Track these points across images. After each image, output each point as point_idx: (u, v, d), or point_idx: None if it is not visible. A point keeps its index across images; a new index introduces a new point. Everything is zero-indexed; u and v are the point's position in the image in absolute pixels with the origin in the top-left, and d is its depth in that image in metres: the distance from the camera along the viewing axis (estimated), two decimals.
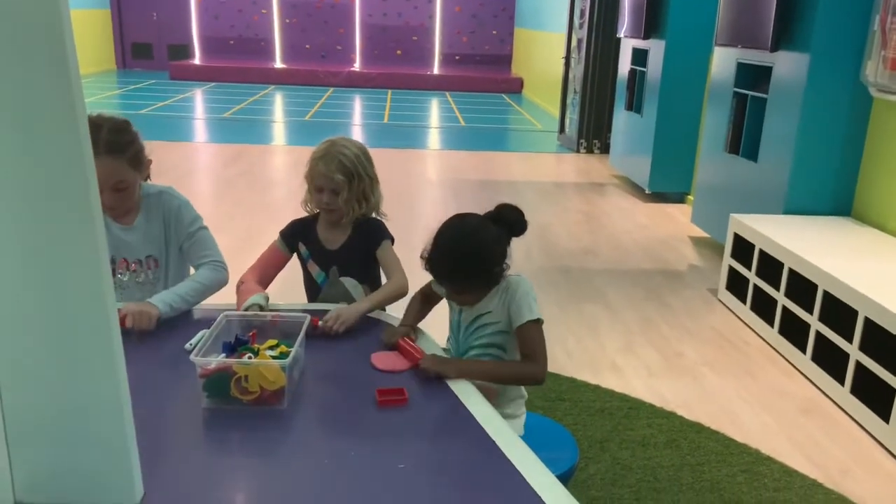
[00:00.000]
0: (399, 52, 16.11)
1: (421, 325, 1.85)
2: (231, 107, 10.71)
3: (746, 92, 4.40)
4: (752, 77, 4.35)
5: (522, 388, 1.76)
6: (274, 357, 1.47)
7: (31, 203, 0.90)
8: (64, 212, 0.91)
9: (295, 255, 2.08)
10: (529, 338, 1.62)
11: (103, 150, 1.76)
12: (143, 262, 1.94)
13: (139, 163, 1.88)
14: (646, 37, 6.11)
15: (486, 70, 15.38)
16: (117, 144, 1.81)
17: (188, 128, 9.16)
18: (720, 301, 4.01)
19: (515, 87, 14.30)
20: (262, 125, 9.40)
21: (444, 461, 1.32)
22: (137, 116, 9.77)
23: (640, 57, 6.39)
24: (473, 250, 1.62)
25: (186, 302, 1.84)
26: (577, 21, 8.47)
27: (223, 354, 1.50)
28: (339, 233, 2.01)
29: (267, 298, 1.82)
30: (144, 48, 15.58)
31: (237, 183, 6.38)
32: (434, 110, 11.61)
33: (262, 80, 13.75)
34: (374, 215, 2.05)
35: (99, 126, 1.79)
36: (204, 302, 1.99)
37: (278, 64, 15.12)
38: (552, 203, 6.11)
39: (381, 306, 1.91)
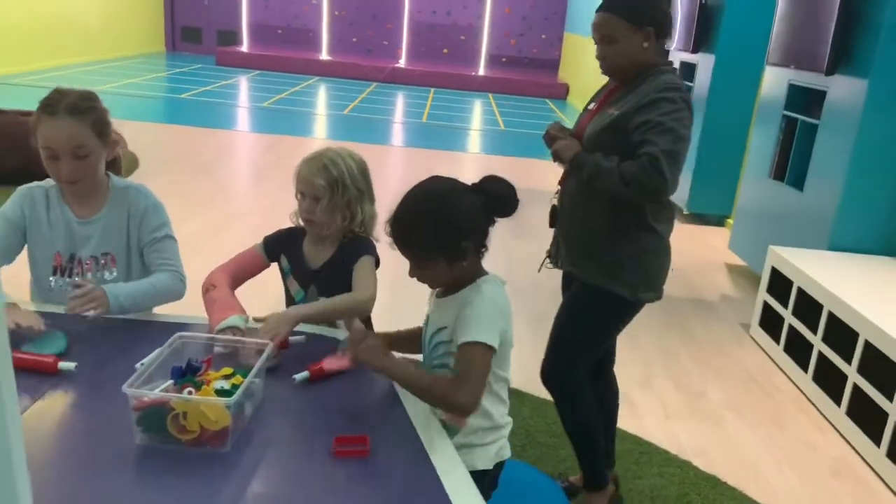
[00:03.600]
0: (445, 50, 15.95)
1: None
2: (272, 96, 10.67)
3: (797, 116, 4.12)
4: (804, 100, 4.07)
5: (493, 415, 1.50)
6: (223, 390, 1.31)
7: None
8: None
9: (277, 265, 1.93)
10: (463, 359, 1.37)
11: (63, 111, 1.67)
12: (100, 259, 1.81)
13: (103, 133, 1.75)
14: (695, 50, 5.83)
15: (532, 74, 15.12)
16: (78, 107, 1.70)
17: (226, 115, 9.14)
18: (752, 338, 3.75)
19: (560, 93, 14.02)
20: (300, 116, 9.33)
21: None
22: (179, 100, 9.81)
23: (687, 71, 6.11)
24: (436, 211, 1.41)
25: (136, 305, 1.71)
26: None
27: (170, 381, 1.34)
28: (323, 250, 1.85)
29: (246, 321, 1.66)
30: (194, 32, 15.71)
31: (266, 174, 6.28)
32: (475, 112, 11.42)
33: (307, 70, 13.71)
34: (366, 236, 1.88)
35: (64, 94, 1.71)
36: (169, 311, 1.85)
37: (324, 56, 15.08)
38: None
39: (329, 319, 1.73)
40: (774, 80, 4.39)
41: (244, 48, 15.07)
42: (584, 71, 12.68)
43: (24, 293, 1.90)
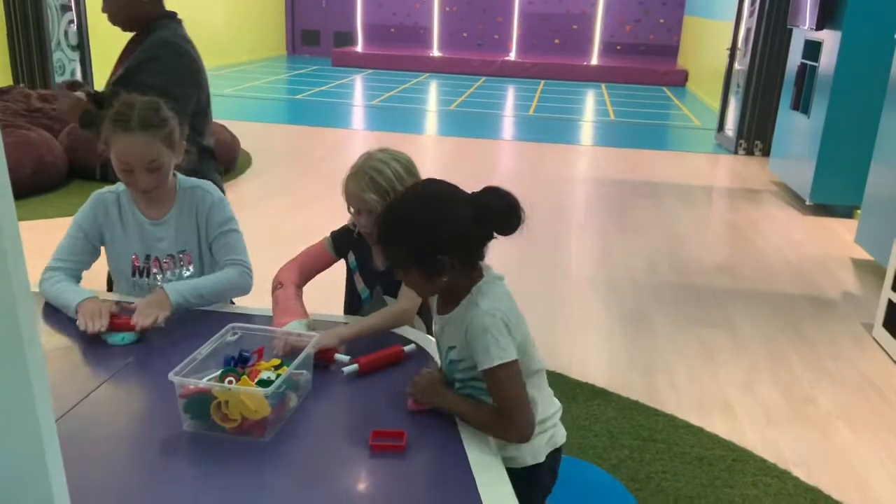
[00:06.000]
0: (557, 41, 15.67)
1: None
2: (382, 94, 10.91)
3: None
4: None
5: (539, 406, 1.42)
6: (268, 381, 1.33)
7: None
8: None
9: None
10: (495, 387, 1.31)
11: (136, 126, 1.73)
12: (176, 257, 1.88)
13: (173, 143, 1.81)
14: (819, 27, 5.39)
15: (648, 61, 14.57)
16: (151, 121, 1.75)
17: (338, 114, 9.43)
18: (874, 339, 3.41)
19: (679, 80, 13.42)
20: (406, 113, 9.48)
21: None
22: (294, 101, 10.23)
23: (812, 50, 5.66)
24: (417, 219, 1.31)
25: (202, 299, 1.76)
26: (746, 8, 7.71)
27: (220, 371, 1.38)
28: None
29: (308, 326, 1.66)
30: (312, 35, 16.33)
31: None
32: (584, 103, 11.15)
33: (418, 67, 13.91)
34: None
35: (131, 105, 1.76)
36: (239, 301, 1.91)
37: (435, 52, 15.24)
38: (694, 210, 5.59)
39: (373, 334, 1.68)
40: None
41: (359, 48, 15.50)
42: (705, 56, 12.07)
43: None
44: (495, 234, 1.33)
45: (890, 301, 3.31)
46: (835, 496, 2.28)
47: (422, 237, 1.30)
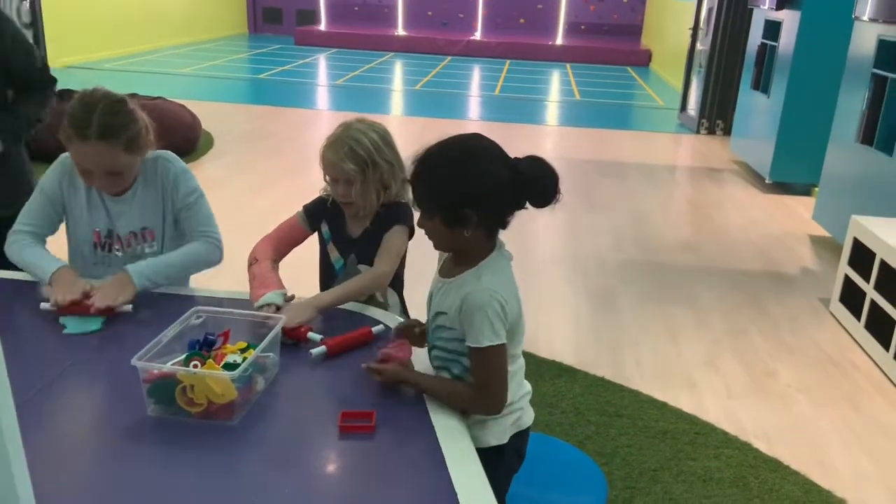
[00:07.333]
0: (522, 20, 15.62)
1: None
2: (346, 74, 10.78)
3: (887, 74, 3.79)
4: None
5: (511, 388, 1.40)
6: (234, 364, 1.31)
7: None
8: None
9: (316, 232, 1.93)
10: (478, 366, 1.31)
11: (94, 135, 1.65)
12: (139, 234, 1.84)
13: (136, 147, 1.74)
14: (779, 7, 5.46)
15: (612, 41, 14.62)
16: (110, 129, 1.67)
17: (301, 93, 9.29)
18: (831, 314, 3.51)
19: (643, 60, 13.50)
20: (370, 93, 9.38)
21: None
22: (256, 81, 10.05)
23: (772, 29, 5.74)
24: (451, 166, 1.28)
25: (169, 278, 1.74)
26: None
27: (185, 355, 1.36)
28: (362, 219, 1.84)
29: (285, 296, 1.67)
30: (274, 13, 16.01)
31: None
32: (549, 83, 11.15)
33: (383, 47, 13.75)
34: (403, 201, 1.84)
35: (92, 106, 1.67)
36: (206, 284, 1.88)
37: (400, 31, 15.08)
38: (657, 189, 5.65)
39: (351, 299, 1.71)
40: (862, 36, 4.06)
41: (322, 27, 15.26)
42: (668, 35, 12.15)
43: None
44: (526, 206, 1.32)
45: (846, 276, 3.40)
46: (794, 467, 2.35)
47: (454, 186, 1.28)
